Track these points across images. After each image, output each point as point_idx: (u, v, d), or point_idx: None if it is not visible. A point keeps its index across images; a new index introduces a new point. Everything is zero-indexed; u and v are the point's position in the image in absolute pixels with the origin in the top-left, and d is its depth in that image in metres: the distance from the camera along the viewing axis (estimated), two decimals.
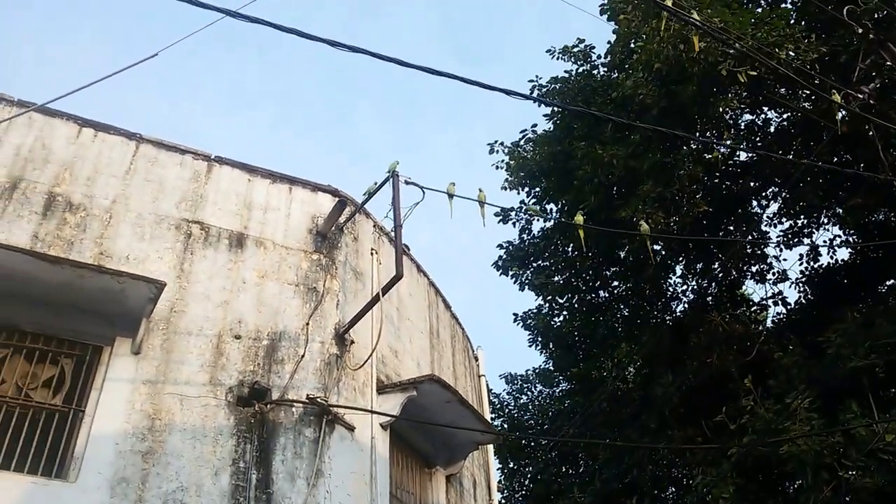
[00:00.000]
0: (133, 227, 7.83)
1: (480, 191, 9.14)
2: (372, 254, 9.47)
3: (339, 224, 9.07)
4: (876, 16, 11.73)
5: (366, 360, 8.15)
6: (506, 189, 18.11)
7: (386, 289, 8.16)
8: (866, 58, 11.52)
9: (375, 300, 8.16)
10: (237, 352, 7.68)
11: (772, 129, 16.18)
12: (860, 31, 11.25)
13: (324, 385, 7.81)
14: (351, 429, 7.82)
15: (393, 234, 8.57)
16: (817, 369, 12.57)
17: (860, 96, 11.19)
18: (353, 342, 8.40)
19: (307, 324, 8.12)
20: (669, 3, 11.31)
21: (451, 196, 8.80)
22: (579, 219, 10.72)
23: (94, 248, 7.55)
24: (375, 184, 8.87)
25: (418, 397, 8.53)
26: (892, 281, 14.86)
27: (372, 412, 8.05)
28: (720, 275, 17.05)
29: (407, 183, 8.40)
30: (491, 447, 11.87)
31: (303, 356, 7.88)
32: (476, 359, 12.38)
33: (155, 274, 7.39)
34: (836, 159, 15.71)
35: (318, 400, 7.58)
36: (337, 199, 8.94)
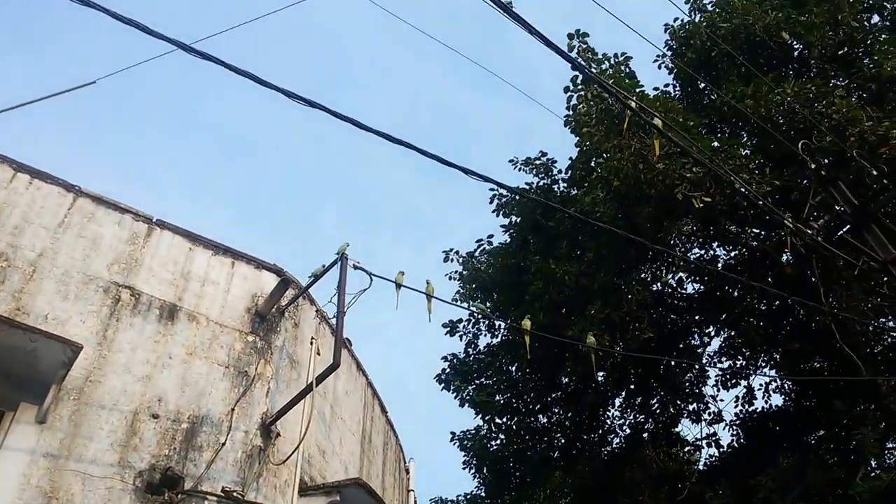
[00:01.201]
0: (57, 284, 7.21)
1: (428, 283, 8.83)
2: (311, 342, 8.93)
3: (281, 307, 8.55)
4: (827, 161, 11.95)
5: (289, 455, 7.51)
6: (456, 301, 17.88)
7: (321, 378, 7.61)
8: (817, 195, 11.64)
9: (308, 390, 7.59)
10: (153, 433, 7.00)
11: (719, 265, 16.32)
12: (813, 166, 11.41)
13: (243, 479, 7.15)
14: None
15: (335, 321, 8.06)
16: None
17: (809, 231, 11.25)
18: (279, 435, 7.77)
19: (233, 409, 7.50)
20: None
21: (398, 286, 8.42)
22: (527, 324, 10.40)
23: (11, 302, 6.91)
24: (323, 266, 8.44)
25: (342, 503, 7.86)
26: (822, 432, 14.80)
27: None
28: (657, 411, 16.91)
29: (355, 268, 8.00)
30: None
31: (223, 444, 7.23)
32: (407, 471, 11.73)
33: (75, 338, 6.74)
34: (778, 302, 15.88)
35: (235, 495, 6.91)
36: (281, 278, 8.45)
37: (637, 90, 14.05)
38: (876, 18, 15.69)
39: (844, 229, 11.63)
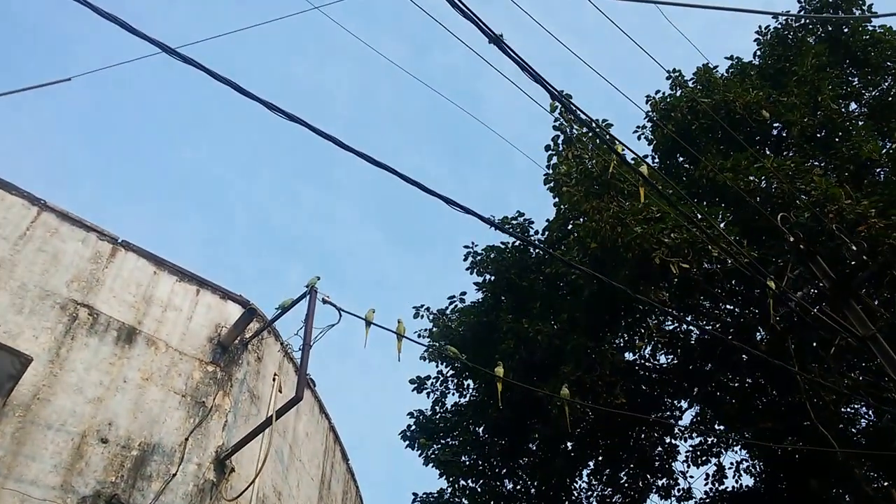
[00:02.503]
0: (12, 296, 6.90)
1: (399, 322, 8.60)
2: (274, 378, 8.62)
3: (245, 339, 8.27)
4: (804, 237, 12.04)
5: (243, 492, 7.15)
6: (424, 359, 17.65)
7: (281, 411, 7.31)
8: (795, 269, 11.66)
9: (267, 423, 7.28)
10: (100, 458, 6.64)
11: (692, 340, 16.28)
12: (791, 239, 11.45)
13: None
14: None
15: (300, 355, 7.78)
16: None
17: (789, 304, 11.20)
18: (233, 470, 7.41)
19: (186, 440, 7.16)
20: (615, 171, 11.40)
21: (368, 323, 8.18)
22: (500, 371, 10.16)
23: None
24: (291, 299, 8.19)
25: None
26: None
27: None
28: (626, 484, 16.66)
29: (325, 302, 7.77)
30: None
31: (174, 476, 6.88)
32: None
33: (26, 352, 6.44)
34: (750, 380, 15.82)
35: None
36: (246, 308, 8.18)
37: (615, 158, 14.13)
38: (854, 106, 16.09)
39: (823, 305, 11.59)
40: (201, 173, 68.90)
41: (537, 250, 16.53)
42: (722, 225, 13.17)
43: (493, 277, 16.84)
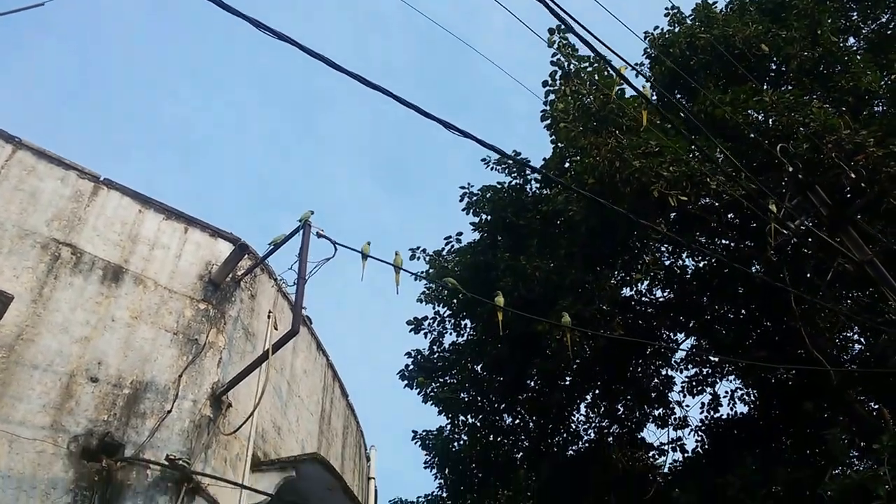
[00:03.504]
0: None
1: (397, 254, 8.45)
2: (269, 316, 8.45)
3: (237, 276, 8.08)
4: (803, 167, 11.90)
5: (241, 425, 7.01)
6: (421, 301, 17.53)
7: (278, 345, 7.14)
8: (793, 198, 11.56)
9: (264, 357, 7.12)
10: (91, 397, 6.49)
11: (688, 274, 16.21)
12: (791, 169, 11.39)
13: (189, 449, 6.63)
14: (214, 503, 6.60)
15: (295, 290, 7.58)
16: None
17: (785, 232, 11.11)
18: (230, 406, 7.28)
19: (180, 377, 7.01)
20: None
21: (364, 256, 7.99)
22: (500, 300, 10.00)
23: None
24: (284, 235, 7.97)
25: (297, 480, 7.43)
26: (789, 441, 14.77)
27: (242, 487, 6.87)
28: (623, 415, 16.76)
29: (319, 236, 7.57)
30: None
31: (169, 412, 6.74)
32: (368, 459, 11.24)
33: (6, 291, 6.23)
34: (744, 312, 15.79)
35: (181, 463, 6.37)
36: (237, 244, 7.96)
37: (616, 88, 13.88)
38: (852, 41, 15.83)
39: (822, 231, 11.53)
40: (186, 128, 68.21)
41: (533, 190, 16.34)
42: (720, 158, 12.99)
43: (489, 217, 16.67)
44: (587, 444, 16.50)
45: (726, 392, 16.70)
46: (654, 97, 16.30)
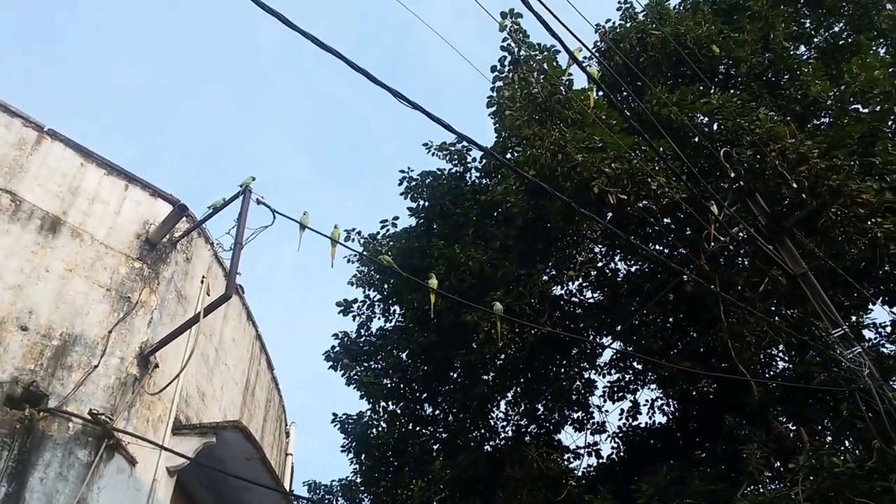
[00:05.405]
0: None
1: (336, 227, 8.49)
2: (202, 281, 8.45)
3: (174, 237, 8.05)
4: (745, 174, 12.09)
5: (166, 386, 7.04)
6: (352, 284, 17.56)
7: (209, 309, 7.17)
8: (733, 205, 11.68)
9: (194, 321, 7.14)
10: (19, 345, 6.44)
11: (619, 278, 16.43)
12: (733, 175, 11.43)
13: (113, 406, 6.62)
14: (132, 462, 6.63)
15: (230, 260, 7.62)
16: None
17: (722, 239, 11.34)
18: (157, 366, 7.28)
19: (110, 332, 6.97)
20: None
21: (302, 227, 8.02)
22: (433, 282, 10.14)
23: None
24: (224, 199, 7.99)
25: (217, 447, 7.45)
26: (704, 454, 14.98)
27: (162, 448, 6.89)
28: (542, 416, 16.89)
29: (258, 202, 7.57)
30: None
31: (96, 367, 6.71)
32: (287, 434, 11.29)
33: None
34: (672, 320, 16.10)
35: (102, 418, 6.39)
36: (177, 205, 7.97)
37: (565, 78, 13.88)
38: (803, 48, 15.95)
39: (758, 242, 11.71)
40: (128, 94, 66.74)
41: (473, 179, 16.45)
42: (668, 156, 13.17)
43: (426, 203, 16.66)
44: (504, 442, 16.59)
45: (646, 401, 16.95)
46: (600, 93, 16.44)
